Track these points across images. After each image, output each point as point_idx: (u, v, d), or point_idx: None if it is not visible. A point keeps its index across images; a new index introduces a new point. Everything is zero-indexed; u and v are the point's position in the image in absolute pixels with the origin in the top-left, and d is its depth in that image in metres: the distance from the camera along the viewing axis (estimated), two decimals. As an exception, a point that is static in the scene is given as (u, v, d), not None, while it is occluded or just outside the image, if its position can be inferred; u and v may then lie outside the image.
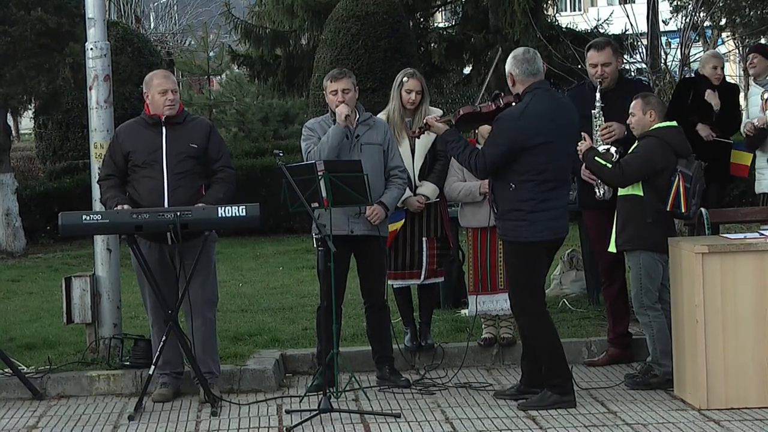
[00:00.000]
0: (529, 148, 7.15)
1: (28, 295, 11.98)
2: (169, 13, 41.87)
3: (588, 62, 8.40)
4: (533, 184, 7.20)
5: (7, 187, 15.71)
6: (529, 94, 7.25)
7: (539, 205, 7.22)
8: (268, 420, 7.32)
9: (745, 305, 7.19)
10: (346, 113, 7.79)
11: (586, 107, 8.08)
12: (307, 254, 13.97)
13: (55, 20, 15.08)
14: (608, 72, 8.30)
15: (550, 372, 7.34)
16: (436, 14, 24.28)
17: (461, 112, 7.52)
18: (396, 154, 8.00)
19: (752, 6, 21.30)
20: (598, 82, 8.27)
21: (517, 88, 7.34)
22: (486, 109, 7.44)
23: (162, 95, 7.69)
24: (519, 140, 7.15)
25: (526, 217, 7.21)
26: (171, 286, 7.75)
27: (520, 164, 7.18)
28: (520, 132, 7.15)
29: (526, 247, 7.27)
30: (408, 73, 8.41)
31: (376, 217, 7.79)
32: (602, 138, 8.07)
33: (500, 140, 7.21)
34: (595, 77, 8.32)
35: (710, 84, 10.27)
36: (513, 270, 7.42)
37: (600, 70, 8.30)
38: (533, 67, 7.31)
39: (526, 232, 7.23)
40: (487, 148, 7.29)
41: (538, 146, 7.16)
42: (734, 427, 6.83)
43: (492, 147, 7.25)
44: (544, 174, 7.20)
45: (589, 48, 8.48)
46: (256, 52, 21.14)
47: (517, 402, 7.43)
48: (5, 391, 8.07)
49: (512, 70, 7.34)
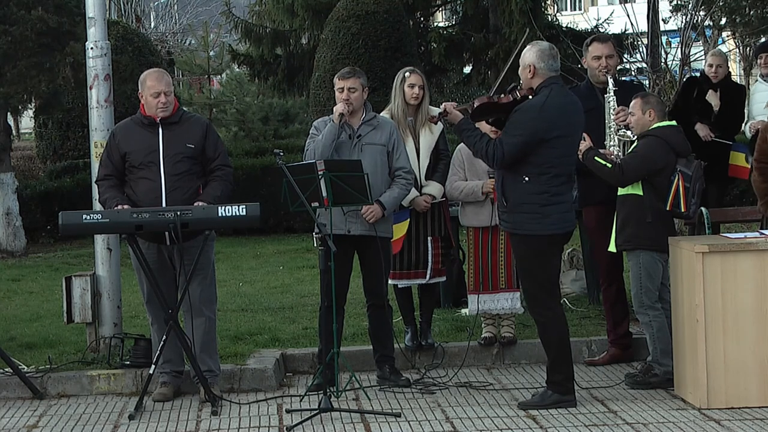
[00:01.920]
0: (546, 141, 7.17)
1: (29, 295, 11.98)
2: (169, 13, 41.87)
3: (591, 55, 8.40)
4: (547, 177, 7.22)
5: (7, 187, 15.71)
6: (546, 88, 7.25)
7: (552, 199, 7.24)
8: (269, 419, 7.32)
9: (745, 305, 7.19)
10: (340, 111, 7.80)
11: (584, 104, 8.09)
12: (308, 253, 13.97)
13: (56, 19, 15.08)
14: (611, 65, 8.34)
15: (554, 368, 7.34)
16: (436, 14, 24.31)
17: (476, 103, 7.43)
18: (402, 154, 7.98)
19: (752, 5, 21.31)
20: (602, 74, 8.29)
21: (533, 81, 7.30)
22: (504, 100, 7.38)
23: (155, 98, 7.65)
24: (539, 132, 7.16)
25: (540, 210, 7.22)
26: (170, 285, 7.76)
27: (537, 156, 7.19)
28: (540, 124, 7.16)
29: (538, 240, 7.27)
30: (409, 69, 8.46)
31: (372, 216, 7.78)
32: (617, 121, 8.09)
33: (520, 131, 7.18)
34: (599, 69, 8.33)
35: (713, 84, 10.27)
36: (524, 264, 7.39)
37: (605, 62, 8.32)
38: (556, 64, 7.35)
39: (539, 225, 7.24)
40: (505, 138, 7.22)
41: (554, 139, 7.20)
42: (734, 426, 6.83)
43: (511, 137, 7.20)
44: (557, 168, 7.25)
45: (592, 41, 8.48)
46: (257, 52, 21.16)
47: (518, 401, 7.43)
48: (6, 391, 8.07)
49: (537, 62, 7.28)
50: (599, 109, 8.28)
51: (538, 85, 7.28)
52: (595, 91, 8.39)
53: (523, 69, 7.32)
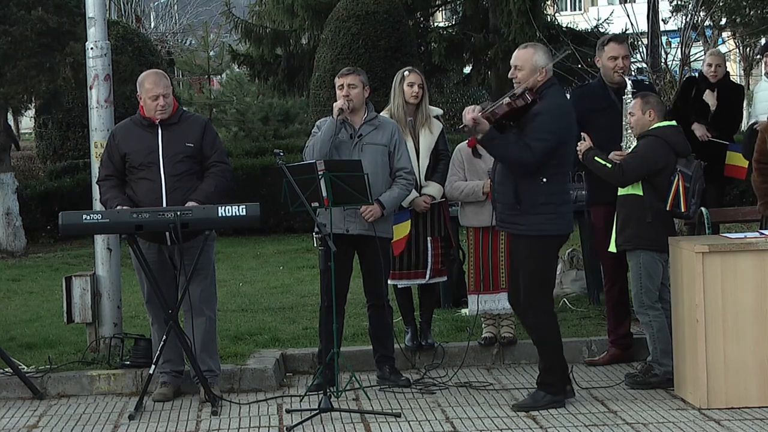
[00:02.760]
0: (564, 142, 7.27)
1: (29, 295, 11.98)
2: (169, 13, 41.88)
3: (607, 55, 8.36)
4: (561, 176, 7.32)
5: (7, 187, 15.71)
6: (550, 89, 7.27)
7: (565, 197, 7.36)
8: (269, 419, 7.33)
9: (745, 305, 7.19)
10: (339, 106, 7.81)
11: (597, 102, 8.09)
12: (308, 253, 13.97)
13: (56, 20, 15.07)
14: (626, 66, 8.36)
15: (548, 371, 7.35)
16: (436, 14, 24.31)
17: (498, 111, 7.24)
18: (403, 155, 7.97)
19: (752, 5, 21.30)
20: (617, 75, 8.28)
21: (535, 83, 7.26)
22: (520, 103, 7.30)
23: (153, 101, 7.64)
24: (563, 133, 7.23)
25: (556, 210, 7.25)
26: (170, 285, 7.75)
27: (556, 157, 7.22)
28: (563, 124, 7.24)
29: (551, 240, 7.30)
30: (408, 68, 8.48)
31: (371, 215, 7.78)
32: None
33: (548, 134, 7.16)
34: (614, 69, 8.31)
35: (711, 83, 10.27)
36: (530, 265, 7.32)
37: (621, 62, 8.33)
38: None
39: (554, 225, 7.26)
40: (533, 142, 7.15)
41: (571, 139, 7.35)
42: (734, 426, 6.83)
43: (539, 141, 7.15)
44: (567, 167, 7.43)
45: (609, 41, 8.46)
46: (257, 52, 21.18)
47: (511, 404, 7.42)
48: (6, 391, 8.07)
49: (547, 66, 7.30)
50: (612, 108, 8.28)
51: (539, 87, 7.27)
52: (608, 91, 8.36)
53: (533, 71, 7.24)
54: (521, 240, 7.35)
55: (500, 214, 7.45)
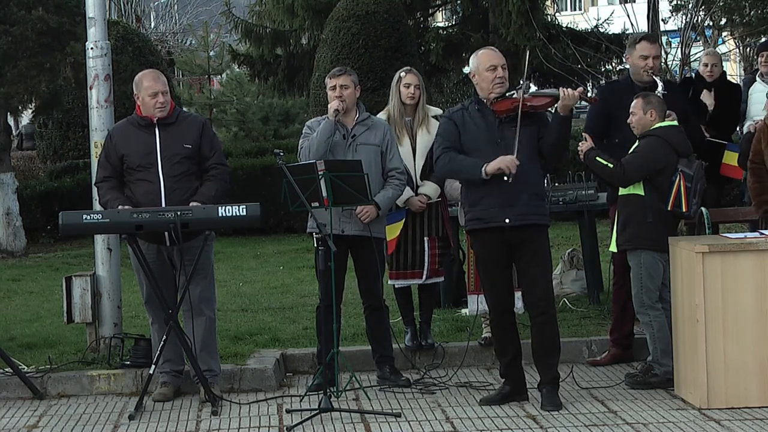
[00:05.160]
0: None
1: (29, 295, 11.98)
2: (169, 13, 41.92)
3: (638, 54, 8.27)
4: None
5: (7, 187, 15.72)
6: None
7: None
8: (269, 419, 7.33)
9: (745, 305, 7.19)
10: (335, 107, 7.81)
11: (624, 99, 8.03)
12: (308, 253, 13.96)
13: (56, 19, 15.08)
14: (656, 66, 8.30)
15: (555, 369, 7.40)
16: (436, 14, 24.29)
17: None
18: (395, 155, 7.98)
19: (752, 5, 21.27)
20: (646, 74, 8.21)
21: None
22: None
23: (152, 98, 7.63)
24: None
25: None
26: (170, 285, 7.75)
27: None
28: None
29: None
30: (405, 69, 8.48)
31: (367, 216, 7.78)
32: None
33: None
34: (644, 69, 8.24)
35: (708, 83, 10.26)
36: (546, 256, 7.37)
37: (651, 62, 8.25)
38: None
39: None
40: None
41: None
42: (735, 426, 6.83)
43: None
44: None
45: (640, 40, 8.38)
46: (257, 52, 21.15)
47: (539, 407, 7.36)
48: (6, 391, 8.07)
49: None
50: None
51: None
52: (636, 89, 8.25)
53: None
54: (541, 231, 7.35)
55: (524, 206, 7.21)
